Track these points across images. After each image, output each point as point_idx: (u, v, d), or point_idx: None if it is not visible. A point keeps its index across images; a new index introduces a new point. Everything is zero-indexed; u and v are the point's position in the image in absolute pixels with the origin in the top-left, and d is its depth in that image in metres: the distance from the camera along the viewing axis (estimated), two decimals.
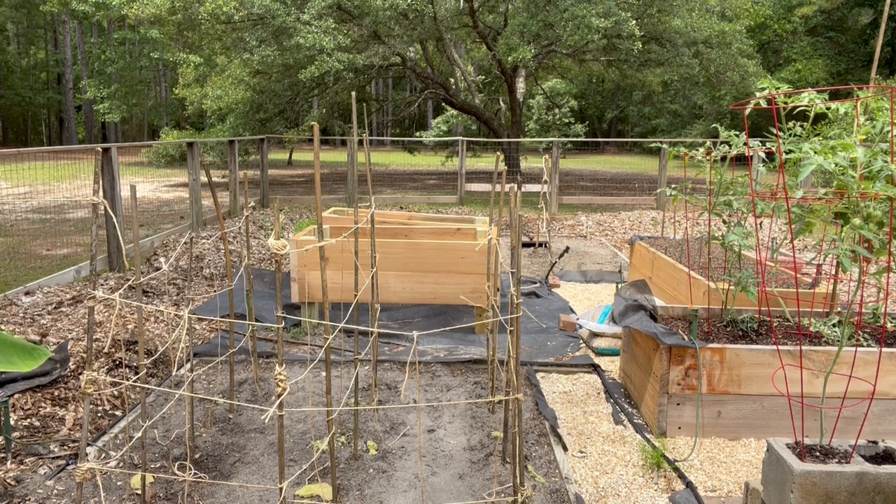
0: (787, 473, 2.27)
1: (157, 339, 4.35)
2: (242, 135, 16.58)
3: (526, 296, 5.92)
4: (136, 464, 2.92)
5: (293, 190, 16.43)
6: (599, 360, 4.40)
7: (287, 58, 14.56)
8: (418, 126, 40.25)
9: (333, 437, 2.36)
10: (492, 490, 2.73)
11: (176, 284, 5.84)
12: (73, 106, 40.53)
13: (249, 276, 3.53)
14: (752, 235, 3.37)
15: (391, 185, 17.65)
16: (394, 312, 5.31)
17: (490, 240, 3.53)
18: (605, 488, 2.83)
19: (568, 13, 14.61)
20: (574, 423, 3.46)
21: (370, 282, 3.18)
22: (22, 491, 2.68)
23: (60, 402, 3.37)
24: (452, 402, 3.69)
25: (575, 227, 10.21)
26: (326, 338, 2.39)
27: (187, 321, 2.45)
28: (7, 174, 8.85)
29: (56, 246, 8.30)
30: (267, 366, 4.19)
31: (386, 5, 14.78)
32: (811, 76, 26.25)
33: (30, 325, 4.26)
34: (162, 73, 39.94)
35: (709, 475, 2.94)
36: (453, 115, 25.83)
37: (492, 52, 18.00)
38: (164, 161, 19.20)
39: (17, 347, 2.22)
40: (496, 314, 3.03)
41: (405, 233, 5.02)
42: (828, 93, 3.05)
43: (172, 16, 14.89)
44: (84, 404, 2.05)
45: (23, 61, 43.78)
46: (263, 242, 8.10)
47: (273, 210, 11.19)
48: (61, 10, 26.13)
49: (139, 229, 6.05)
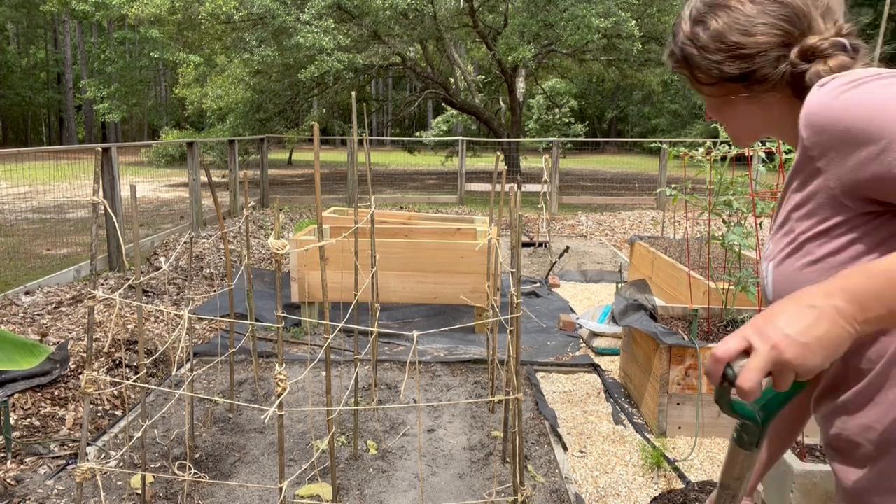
0: (787, 473, 2.27)
1: (157, 339, 4.35)
2: (242, 135, 16.58)
3: (526, 296, 5.92)
4: (136, 463, 2.92)
5: (293, 190, 16.44)
6: (599, 359, 4.40)
7: (287, 58, 14.56)
8: (418, 126, 40.24)
9: (333, 437, 2.36)
10: (492, 490, 2.73)
11: (176, 284, 5.84)
12: (73, 106, 40.53)
13: (249, 276, 3.53)
14: (752, 235, 3.37)
15: (391, 185, 17.65)
16: (394, 312, 5.31)
17: (490, 240, 3.53)
18: (605, 488, 2.83)
19: (568, 13, 14.62)
20: (574, 423, 3.47)
21: (370, 282, 3.18)
22: (22, 491, 2.68)
23: (60, 401, 3.37)
24: (452, 401, 3.70)
25: (575, 227, 10.22)
26: (326, 337, 2.39)
27: (187, 321, 2.45)
28: (7, 174, 8.85)
29: (56, 246, 8.30)
30: (267, 365, 4.19)
31: (386, 5, 14.78)
32: None
33: (30, 325, 4.26)
34: (162, 73, 39.93)
35: (709, 475, 2.94)
36: (453, 114, 25.82)
37: (492, 52, 18.00)
38: (164, 161, 19.20)
39: (17, 345, 2.22)
40: (496, 314, 3.03)
41: (405, 233, 5.02)
42: None
43: (172, 16, 14.89)
44: (84, 404, 2.05)
45: (23, 61, 43.77)
46: (263, 242, 8.11)
47: (273, 210, 11.15)
48: (61, 9, 26.12)
49: (139, 229, 6.05)
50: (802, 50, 0.93)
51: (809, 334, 0.71)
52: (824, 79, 0.87)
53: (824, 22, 0.94)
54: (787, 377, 0.73)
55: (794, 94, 0.95)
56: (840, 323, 0.71)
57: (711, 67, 1.00)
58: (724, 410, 0.85)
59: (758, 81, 0.97)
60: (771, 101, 0.98)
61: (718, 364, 0.76)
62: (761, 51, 0.95)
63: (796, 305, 0.74)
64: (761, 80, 0.96)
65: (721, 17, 0.97)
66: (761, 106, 1.00)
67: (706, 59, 1.00)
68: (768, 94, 0.98)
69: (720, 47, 0.97)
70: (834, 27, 0.94)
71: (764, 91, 0.97)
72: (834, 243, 0.86)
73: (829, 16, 0.95)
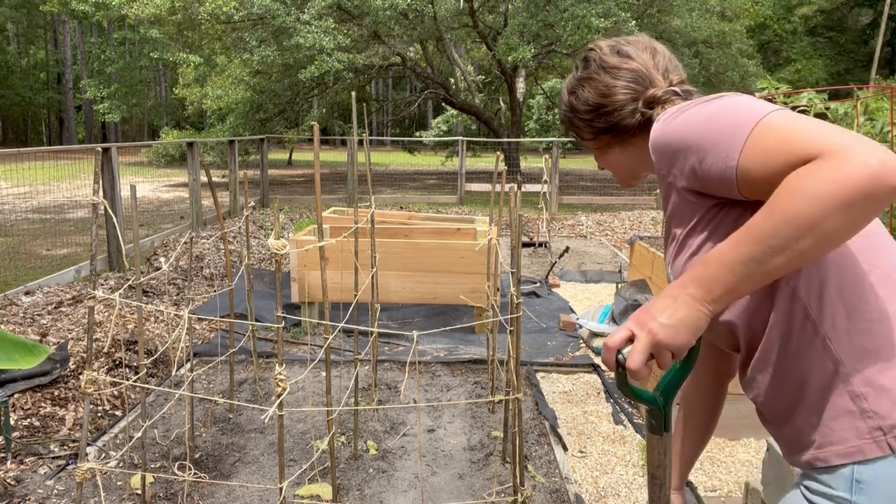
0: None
1: (157, 339, 4.35)
2: (242, 135, 16.58)
3: (526, 296, 5.92)
4: (136, 464, 2.92)
5: (293, 190, 16.43)
6: (599, 359, 4.40)
7: (287, 58, 14.56)
8: (418, 126, 40.23)
9: (333, 437, 2.36)
10: (492, 490, 2.73)
11: (176, 284, 5.84)
12: (73, 106, 40.52)
13: (249, 276, 3.53)
14: None
15: (391, 185, 17.65)
16: (394, 312, 5.31)
17: (490, 240, 3.53)
18: (605, 488, 2.83)
19: (568, 13, 14.61)
20: (574, 423, 3.47)
21: (370, 282, 3.18)
22: (22, 491, 2.68)
23: (60, 401, 3.37)
24: (452, 401, 3.70)
25: (575, 227, 10.22)
26: (326, 338, 2.39)
27: (187, 321, 2.45)
28: (7, 174, 8.85)
29: (56, 246, 8.30)
30: (267, 366, 4.19)
31: (386, 5, 14.77)
32: (811, 76, 26.25)
33: (30, 325, 4.26)
34: (162, 73, 39.93)
35: (709, 475, 2.94)
36: (453, 114, 25.81)
37: (492, 52, 17.99)
38: (164, 161, 19.17)
39: (17, 345, 2.22)
40: (496, 314, 3.03)
41: (405, 233, 5.02)
42: (827, 93, 3.05)
43: (172, 16, 14.89)
44: (84, 404, 2.05)
45: (23, 61, 43.76)
46: (263, 242, 8.11)
47: (273, 210, 11.15)
48: (61, 10, 26.11)
49: (139, 229, 6.05)
50: (646, 100, 1.20)
51: (674, 318, 0.91)
52: (660, 115, 1.13)
53: (662, 77, 1.23)
54: (664, 356, 0.93)
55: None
56: (695, 306, 0.92)
57: (585, 125, 1.28)
58: (627, 396, 0.99)
59: (622, 130, 1.24)
60: (637, 143, 1.24)
61: (610, 352, 0.96)
62: (618, 107, 1.22)
63: (663, 298, 0.94)
64: (624, 129, 1.23)
65: (586, 87, 1.26)
66: (632, 149, 1.26)
67: (581, 119, 1.28)
68: (634, 139, 1.24)
69: (588, 109, 1.26)
70: (667, 80, 1.22)
71: (630, 137, 1.24)
72: (700, 236, 1.07)
73: (666, 72, 1.24)
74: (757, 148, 0.91)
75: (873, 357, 0.95)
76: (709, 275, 0.91)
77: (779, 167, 0.88)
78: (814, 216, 0.82)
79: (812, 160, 0.85)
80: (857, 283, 0.97)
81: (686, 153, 1.01)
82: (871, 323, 0.96)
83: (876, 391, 0.95)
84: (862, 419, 0.95)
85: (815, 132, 0.87)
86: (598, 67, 1.26)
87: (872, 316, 0.96)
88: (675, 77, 1.24)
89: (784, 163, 0.88)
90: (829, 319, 0.97)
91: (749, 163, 0.92)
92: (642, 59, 1.24)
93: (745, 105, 0.98)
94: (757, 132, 0.92)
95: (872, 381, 0.95)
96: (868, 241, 1.01)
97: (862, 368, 0.96)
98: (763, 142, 0.91)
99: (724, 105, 1.00)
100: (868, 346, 0.96)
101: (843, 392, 0.96)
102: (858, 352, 0.96)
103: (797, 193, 0.84)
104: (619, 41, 1.28)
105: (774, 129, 0.91)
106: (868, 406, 0.95)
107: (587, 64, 1.28)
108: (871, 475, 0.93)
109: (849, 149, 0.83)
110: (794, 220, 0.84)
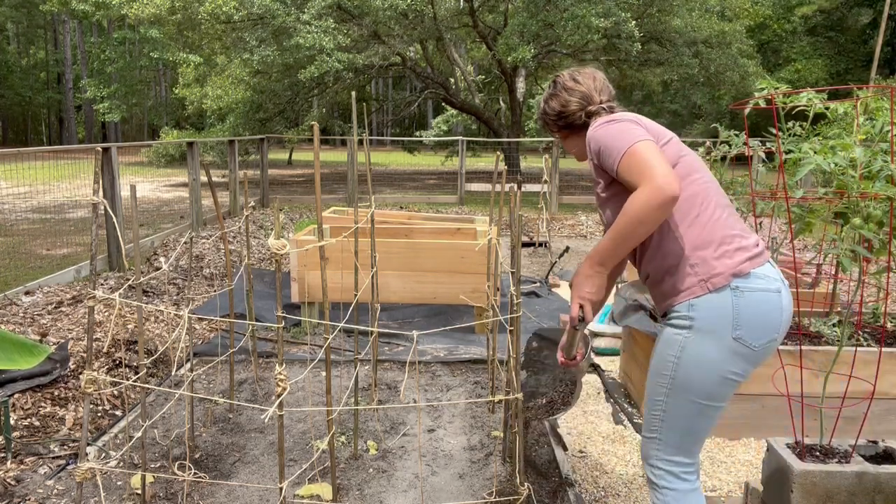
0: (787, 473, 2.27)
1: (157, 339, 4.35)
2: (242, 134, 16.58)
3: (526, 295, 5.92)
4: (136, 463, 2.92)
5: (293, 190, 16.43)
6: (599, 359, 4.40)
7: (287, 58, 14.55)
8: (418, 126, 40.21)
9: (333, 437, 2.36)
10: (492, 490, 2.73)
11: (176, 284, 5.84)
12: (73, 106, 40.50)
13: (249, 276, 3.53)
14: None
15: (391, 185, 17.65)
16: (394, 312, 5.31)
17: (490, 239, 3.53)
18: (605, 488, 2.83)
19: (568, 13, 14.60)
20: (574, 423, 3.47)
21: (370, 282, 3.18)
22: (22, 491, 2.68)
23: (60, 401, 3.37)
24: (452, 401, 3.70)
25: (575, 227, 10.22)
26: (326, 337, 2.39)
27: (187, 321, 2.45)
28: (7, 174, 8.84)
29: (56, 246, 8.30)
30: (267, 365, 4.19)
31: (386, 5, 14.77)
32: (811, 76, 26.23)
33: (30, 325, 4.26)
34: (162, 72, 39.92)
35: (709, 475, 2.94)
36: (453, 114, 25.80)
37: (492, 52, 18.00)
38: (164, 161, 19.15)
39: (17, 345, 2.22)
40: (496, 314, 3.03)
41: (405, 232, 5.02)
42: (827, 93, 3.05)
43: (172, 16, 14.89)
44: (84, 404, 2.05)
45: (23, 61, 43.73)
46: (263, 242, 8.11)
47: (273, 210, 11.20)
48: (61, 9, 26.13)
49: (139, 229, 6.05)
50: (587, 112, 1.96)
51: (591, 286, 1.81)
52: (593, 123, 1.88)
53: (599, 96, 1.96)
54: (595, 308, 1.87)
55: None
56: (601, 274, 1.80)
57: (553, 124, 2.04)
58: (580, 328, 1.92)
59: (574, 128, 2.00)
60: (583, 136, 1.96)
61: (573, 319, 1.86)
62: (572, 113, 1.97)
63: (581, 277, 1.82)
64: (575, 127, 2.00)
65: (553, 100, 2.01)
66: (580, 139, 1.99)
67: (550, 120, 2.04)
68: (581, 133, 1.98)
69: (554, 114, 2.01)
70: (601, 98, 1.95)
71: (579, 131, 2.00)
72: (608, 192, 1.86)
73: (601, 93, 1.96)
74: (624, 163, 1.71)
75: (701, 245, 1.76)
76: (602, 254, 1.77)
77: (630, 179, 1.69)
78: (637, 222, 1.65)
79: (638, 185, 1.65)
80: (693, 206, 1.78)
81: (598, 149, 1.80)
82: (702, 227, 1.77)
83: (702, 262, 1.75)
84: (694, 276, 1.75)
85: (645, 165, 1.65)
86: (561, 88, 2.00)
87: (703, 221, 1.77)
88: (604, 97, 1.96)
89: (630, 180, 1.69)
90: (679, 226, 1.78)
91: (620, 170, 1.72)
92: (587, 84, 1.97)
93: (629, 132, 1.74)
94: (627, 153, 1.70)
95: (701, 256, 1.75)
96: (700, 187, 1.80)
97: (695, 251, 1.76)
98: (627, 160, 1.70)
99: (620, 128, 1.77)
100: (698, 239, 1.76)
101: (685, 264, 1.76)
102: (695, 241, 1.76)
103: (628, 211, 1.65)
104: (574, 71, 2.01)
105: (633, 157, 1.68)
106: (698, 270, 1.75)
107: (555, 86, 2.02)
108: (698, 302, 1.74)
109: (651, 179, 1.62)
110: (630, 224, 1.66)
